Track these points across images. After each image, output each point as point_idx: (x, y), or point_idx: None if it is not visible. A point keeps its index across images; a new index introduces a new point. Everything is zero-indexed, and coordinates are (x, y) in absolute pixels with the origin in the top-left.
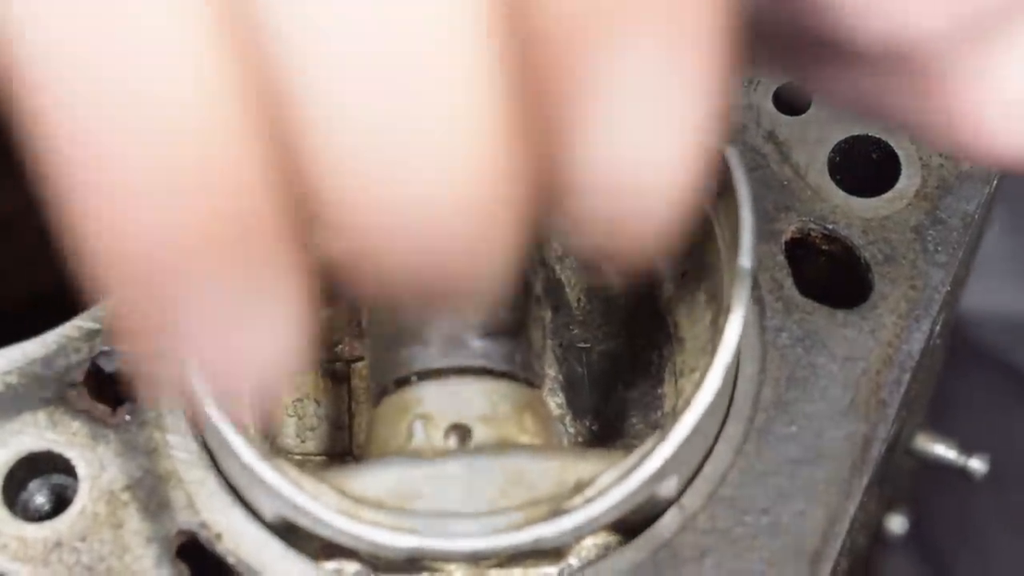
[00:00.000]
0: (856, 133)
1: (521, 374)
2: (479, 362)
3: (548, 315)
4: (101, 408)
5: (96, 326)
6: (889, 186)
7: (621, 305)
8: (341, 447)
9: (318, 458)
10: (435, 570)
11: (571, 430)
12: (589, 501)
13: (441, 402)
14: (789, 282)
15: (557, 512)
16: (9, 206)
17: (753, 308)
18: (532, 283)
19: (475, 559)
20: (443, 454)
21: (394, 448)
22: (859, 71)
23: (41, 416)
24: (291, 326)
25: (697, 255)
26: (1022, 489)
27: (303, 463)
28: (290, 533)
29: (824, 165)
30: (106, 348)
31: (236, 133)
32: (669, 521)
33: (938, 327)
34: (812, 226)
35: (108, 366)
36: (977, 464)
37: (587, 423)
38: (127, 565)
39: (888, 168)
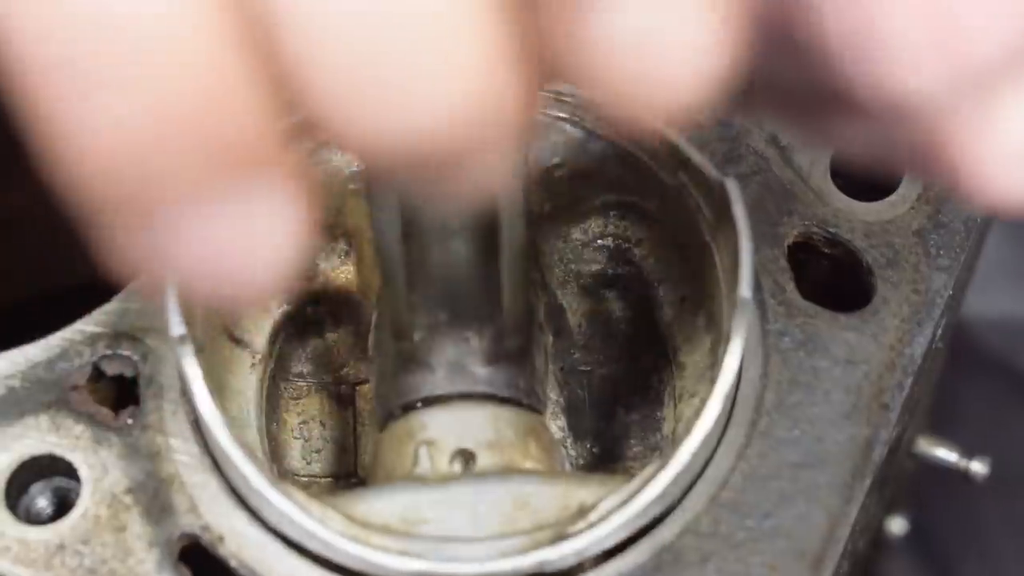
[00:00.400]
0: None
1: (524, 400)
2: (483, 388)
3: (550, 340)
4: (103, 411)
5: (98, 329)
6: (891, 190)
7: (621, 330)
8: (346, 469)
9: (324, 480)
10: None
11: (572, 453)
12: (592, 526)
13: (446, 428)
14: (791, 286)
15: (561, 537)
16: (11, 207)
17: (755, 312)
18: (535, 309)
19: None
20: (448, 479)
21: (400, 473)
22: (862, 124)
23: (43, 419)
24: (286, 230)
25: (696, 281)
26: None
27: (309, 485)
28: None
29: (826, 169)
30: (108, 351)
31: (217, 40)
32: (671, 524)
33: (940, 331)
34: (815, 230)
35: (110, 369)
36: (979, 467)
37: (588, 446)
38: (130, 568)
39: (890, 171)
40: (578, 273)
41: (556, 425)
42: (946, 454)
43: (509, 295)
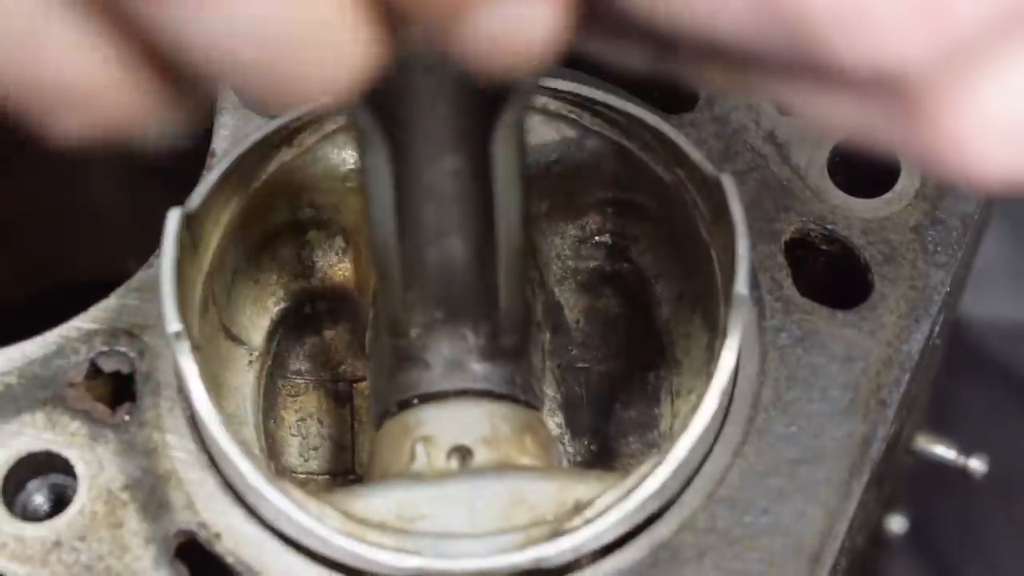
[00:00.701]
0: None
1: (521, 396)
2: (480, 385)
3: (547, 337)
4: (100, 408)
5: (95, 326)
6: (889, 187)
7: (619, 326)
8: (344, 466)
9: (321, 477)
10: None
11: (570, 449)
12: (589, 522)
13: (442, 424)
14: (789, 282)
15: (557, 533)
16: (9, 208)
17: (753, 308)
18: (532, 306)
19: None
20: (445, 476)
21: (396, 470)
22: (844, 96)
23: (40, 416)
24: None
25: (694, 278)
26: None
27: (306, 482)
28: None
29: (824, 166)
30: (105, 348)
31: None
32: (669, 521)
33: (938, 327)
34: (812, 226)
35: (107, 366)
36: (977, 464)
37: (585, 443)
38: (126, 565)
39: (887, 168)
40: (575, 270)
41: (553, 422)
42: (944, 451)
43: (506, 292)
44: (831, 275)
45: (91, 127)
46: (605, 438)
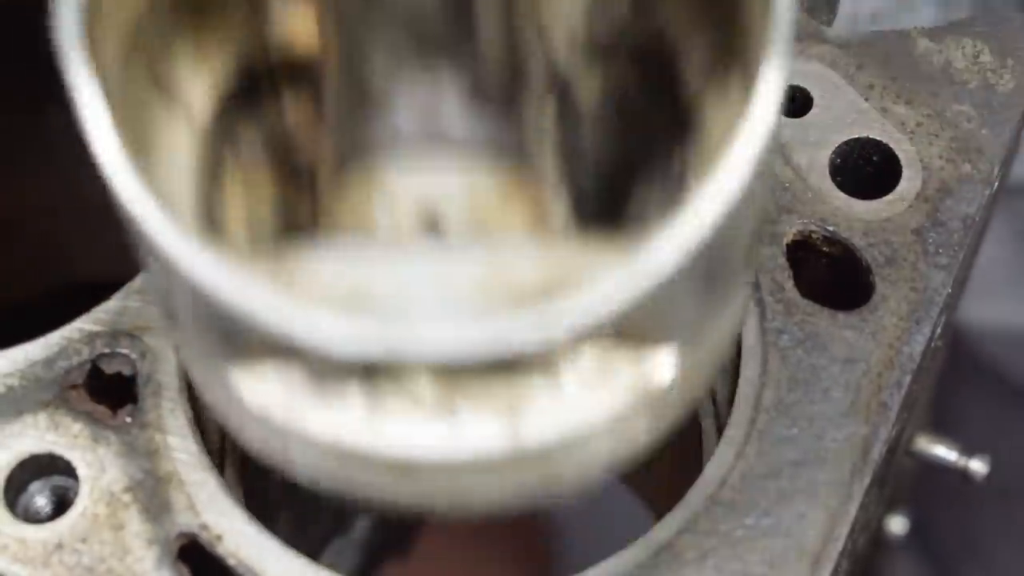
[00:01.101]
0: (857, 135)
1: (508, 152)
2: (458, 132)
3: (548, 98)
4: (102, 410)
5: (97, 328)
6: (890, 188)
7: (637, 100)
8: (290, 223)
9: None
10: (397, 380)
11: (568, 222)
12: (588, 294)
13: (409, 179)
14: (790, 284)
15: (549, 307)
16: (10, 208)
17: (754, 310)
18: (524, 50)
19: (447, 367)
20: (410, 240)
21: (351, 235)
22: None
23: (42, 418)
24: None
25: (726, 39)
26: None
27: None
28: (227, 339)
29: (825, 167)
30: (107, 350)
31: None
32: (670, 523)
33: (939, 329)
34: (813, 228)
35: (109, 368)
36: (978, 466)
37: (589, 214)
38: (128, 567)
39: (889, 170)
40: (588, 36)
41: (549, 188)
42: (945, 452)
43: (487, 19)
44: (832, 277)
45: None
46: (620, 223)
